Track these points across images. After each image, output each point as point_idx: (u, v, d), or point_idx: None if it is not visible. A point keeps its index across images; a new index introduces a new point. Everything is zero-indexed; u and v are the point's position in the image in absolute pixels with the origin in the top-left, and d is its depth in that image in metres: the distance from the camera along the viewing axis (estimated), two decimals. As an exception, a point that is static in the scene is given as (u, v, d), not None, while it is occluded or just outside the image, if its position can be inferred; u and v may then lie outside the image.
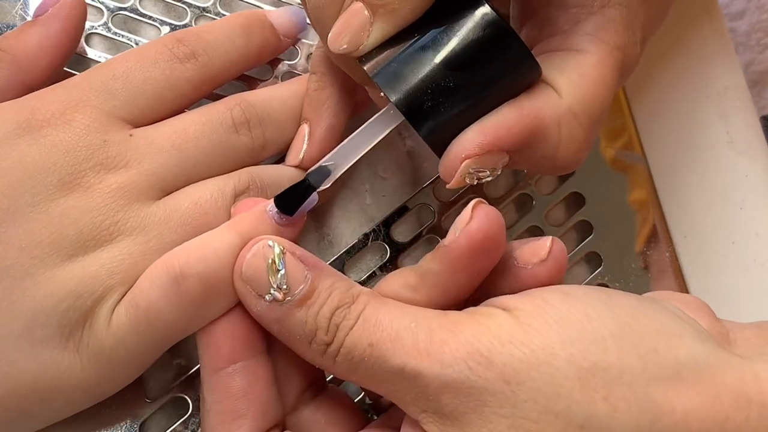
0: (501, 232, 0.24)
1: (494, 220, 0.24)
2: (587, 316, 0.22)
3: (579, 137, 0.26)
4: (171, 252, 0.26)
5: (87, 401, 0.27)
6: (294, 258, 0.24)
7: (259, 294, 0.24)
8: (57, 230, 0.25)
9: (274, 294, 0.24)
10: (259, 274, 0.24)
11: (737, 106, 0.39)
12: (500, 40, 0.24)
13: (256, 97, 0.30)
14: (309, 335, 0.24)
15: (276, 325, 0.24)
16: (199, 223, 0.27)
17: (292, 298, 0.24)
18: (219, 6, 0.34)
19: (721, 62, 0.40)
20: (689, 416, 0.21)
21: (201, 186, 0.28)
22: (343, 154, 0.27)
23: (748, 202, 0.38)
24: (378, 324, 0.23)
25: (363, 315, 0.24)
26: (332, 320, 0.24)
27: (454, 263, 0.25)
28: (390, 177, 0.34)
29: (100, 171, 0.26)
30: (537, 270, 0.25)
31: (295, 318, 0.24)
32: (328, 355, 0.24)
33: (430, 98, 0.25)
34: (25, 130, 0.26)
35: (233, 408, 0.25)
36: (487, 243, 0.24)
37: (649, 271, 0.36)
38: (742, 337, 0.24)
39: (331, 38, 0.25)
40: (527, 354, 0.21)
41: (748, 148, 0.39)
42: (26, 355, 0.25)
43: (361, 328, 0.23)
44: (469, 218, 0.24)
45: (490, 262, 0.25)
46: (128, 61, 0.28)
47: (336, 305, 0.24)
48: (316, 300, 0.24)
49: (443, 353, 0.22)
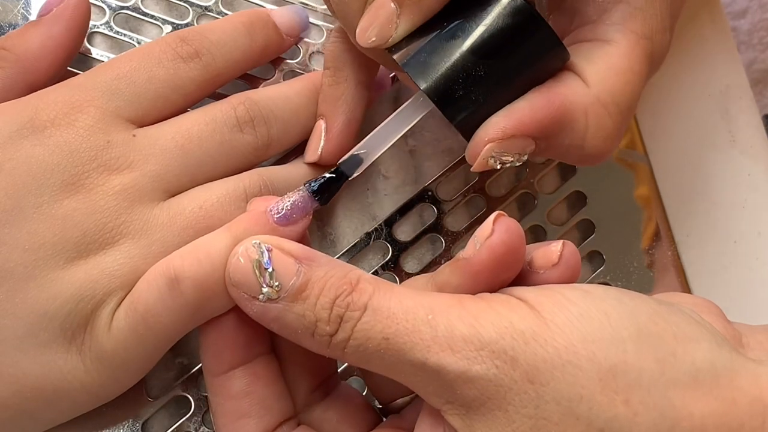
0: (522, 245, 0.24)
1: (515, 232, 0.24)
2: (606, 314, 0.22)
3: (608, 127, 0.26)
4: (169, 256, 0.25)
5: (91, 403, 0.27)
6: (282, 253, 0.24)
7: (252, 296, 0.24)
8: (60, 232, 0.25)
9: (267, 293, 0.23)
10: (246, 276, 0.24)
11: (739, 105, 0.39)
12: (528, 26, 0.25)
13: (260, 95, 0.30)
14: (310, 328, 0.23)
15: (275, 324, 0.24)
16: (203, 226, 0.26)
17: (285, 295, 0.23)
18: (221, 5, 0.34)
19: (723, 61, 0.40)
20: (706, 421, 0.21)
21: (207, 189, 0.27)
22: (374, 142, 0.27)
23: (750, 201, 0.38)
24: (391, 316, 0.22)
25: (371, 305, 0.23)
26: (333, 311, 0.23)
27: (476, 277, 0.24)
28: (392, 176, 0.34)
29: (104, 172, 0.26)
30: (549, 274, 0.25)
31: (293, 313, 0.23)
32: (334, 346, 0.23)
33: (460, 86, 0.25)
34: (29, 130, 0.26)
35: (236, 408, 0.25)
36: (509, 257, 0.24)
37: (651, 270, 0.36)
38: (754, 341, 0.24)
39: (359, 32, 0.25)
40: (551, 353, 0.21)
41: (750, 147, 0.39)
42: (30, 357, 0.25)
43: (372, 321, 0.22)
44: (490, 231, 0.24)
45: (510, 274, 0.25)
46: (132, 61, 0.28)
47: (334, 294, 0.23)
48: (312, 291, 0.23)
49: (468, 350, 0.22)
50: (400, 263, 0.33)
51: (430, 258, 0.34)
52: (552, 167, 0.36)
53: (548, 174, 0.36)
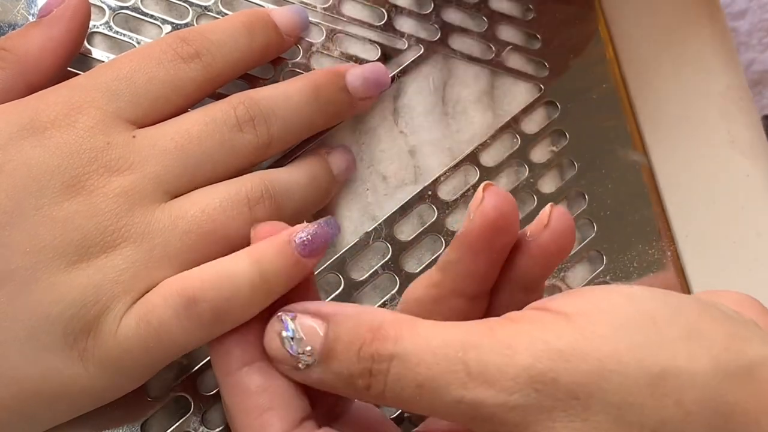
0: (514, 209, 0.24)
1: (505, 197, 0.24)
2: (653, 319, 0.21)
3: None
4: (186, 273, 0.25)
5: (92, 405, 0.26)
6: (306, 317, 0.24)
7: (293, 366, 0.24)
8: (61, 235, 0.25)
9: (304, 360, 0.24)
10: (280, 352, 0.24)
11: (739, 105, 0.39)
12: None
13: (260, 94, 0.30)
14: (350, 384, 0.23)
15: (323, 386, 0.24)
16: (206, 230, 0.26)
17: (318, 358, 0.23)
18: (221, 5, 0.34)
19: (723, 62, 0.40)
20: (761, 417, 0.20)
21: (209, 192, 0.27)
22: None
23: (750, 201, 0.38)
24: (421, 362, 0.22)
25: (397, 354, 0.22)
26: (361, 364, 0.23)
27: (473, 247, 0.25)
28: (392, 176, 0.34)
29: (104, 174, 0.26)
30: (543, 238, 0.25)
31: (331, 373, 0.23)
32: (373, 397, 0.23)
33: None
34: (29, 131, 0.26)
35: (257, 404, 0.24)
36: (502, 221, 0.24)
37: (651, 270, 0.36)
38: None
39: None
40: (595, 365, 0.20)
41: (749, 147, 0.39)
42: (31, 360, 0.24)
43: (402, 370, 0.22)
44: (481, 198, 0.24)
45: (506, 240, 0.25)
46: (132, 62, 0.28)
47: (358, 346, 0.23)
48: (339, 348, 0.23)
49: (504, 381, 0.21)
50: (400, 263, 0.33)
51: (430, 258, 0.34)
52: (552, 167, 0.36)
53: (548, 174, 0.36)
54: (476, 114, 0.36)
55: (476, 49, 0.37)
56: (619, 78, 0.39)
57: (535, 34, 0.38)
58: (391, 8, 0.36)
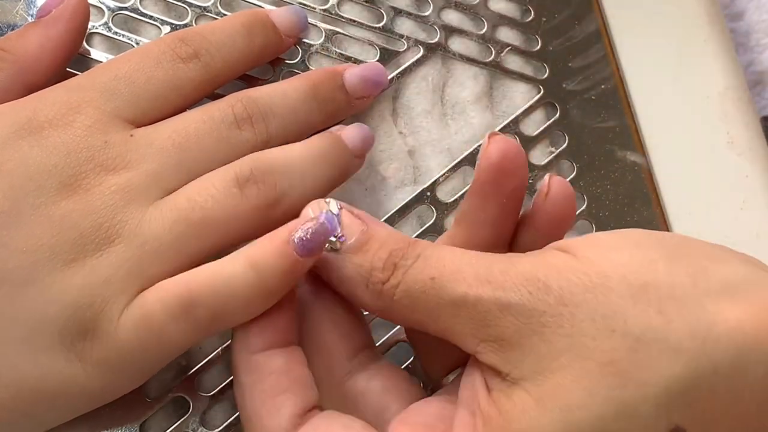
0: (519, 152, 0.26)
1: (509, 141, 0.26)
2: (637, 244, 0.23)
3: None
4: (184, 275, 0.25)
5: (91, 406, 0.26)
6: (350, 213, 0.26)
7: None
8: (58, 234, 0.25)
9: (331, 242, 0.25)
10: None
11: (738, 106, 0.39)
12: None
13: (258, 93, 0.30)
14: (365, 276, 0.24)
15: (335, 273, 0.25)
16: (196, 218, 0.26)
17: (348, 247, 0.25)
18: (220, 5, 0.34)
19: (722, 63, 0.40)
20: (743, 324, 0.21)
21: (198, 181, 0.27)
22: None
23: (749, 203, 0.38)
24: (440, 260, 0.24)
25: (423, 254, 0.24)
26: (389, 259, 0.24)
27: (481, 191, 0.26)
28: (391, 176, 0.34)
29: (101, 172, 0.26)
30: (547, 206, 0.27)
31: (352, 263, 0.25)
32: (384, 294, 0.24)
33: None
34: (26, 131, 0.26)
35: (276, 383, 0.25)
36: (507, 162, 0.25)
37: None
38: None
39: None
40: (582, 278, 0.22)
41: (748, 148, 0.39)
42: (29, 361, 0.24)
43: (422, 265, 0.24)
44: (486, 144, 0.26)
45: (514, 183, 0.26)
46: (131, 62, 0.28)
47: (392, 248, 0.25)
48: (372, 246, 0.25)
49: (504, 281, 0.23)
50: (399, 264, 0.33)
51: (429, 259, 0.34)
52: (552, 167, 0.36)
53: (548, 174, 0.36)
54: (475, 115, 0.36)
55: (475, 50, 0.37)
56: (618, 78, 0.39)
57: (534, 35, 0.38)
58: (390, 9, 0.36)
